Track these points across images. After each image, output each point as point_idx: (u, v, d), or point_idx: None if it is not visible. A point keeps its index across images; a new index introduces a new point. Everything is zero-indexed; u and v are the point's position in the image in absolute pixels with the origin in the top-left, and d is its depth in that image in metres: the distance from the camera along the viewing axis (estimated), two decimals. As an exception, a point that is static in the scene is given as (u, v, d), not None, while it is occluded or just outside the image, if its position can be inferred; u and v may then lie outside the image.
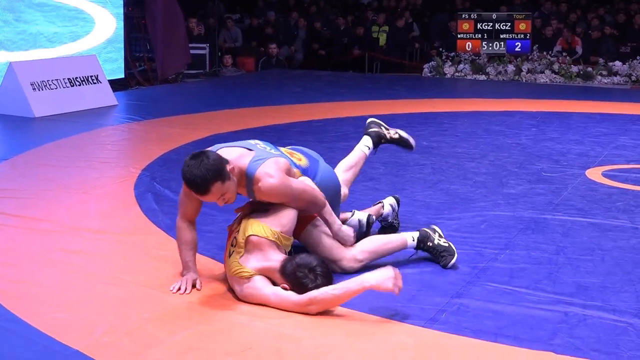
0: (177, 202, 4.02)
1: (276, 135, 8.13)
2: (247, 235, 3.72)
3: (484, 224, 5.04)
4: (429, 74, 15.36)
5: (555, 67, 14.61)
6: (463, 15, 15.64)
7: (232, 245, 3.79)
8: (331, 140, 7.94)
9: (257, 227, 3.74)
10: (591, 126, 9.14)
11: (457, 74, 15.09)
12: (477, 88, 13.67)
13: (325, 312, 3.53)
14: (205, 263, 4.21)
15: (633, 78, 14.21)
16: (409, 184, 6.11)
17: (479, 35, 15.44)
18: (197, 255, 4.04)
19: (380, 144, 4.98)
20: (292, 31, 17.60)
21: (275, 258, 3.68)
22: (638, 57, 14.68)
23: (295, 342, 3.25)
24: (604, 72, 14.41)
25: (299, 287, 3.55)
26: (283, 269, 3.61)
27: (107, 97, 10.38)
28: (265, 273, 3.67)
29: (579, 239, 4.75)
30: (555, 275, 4.12)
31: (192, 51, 13.84)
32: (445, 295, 3.77)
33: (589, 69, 14.45)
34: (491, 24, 15.42)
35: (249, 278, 3.64)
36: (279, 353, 3.15)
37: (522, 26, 15.31)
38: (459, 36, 15.55)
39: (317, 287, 3.52)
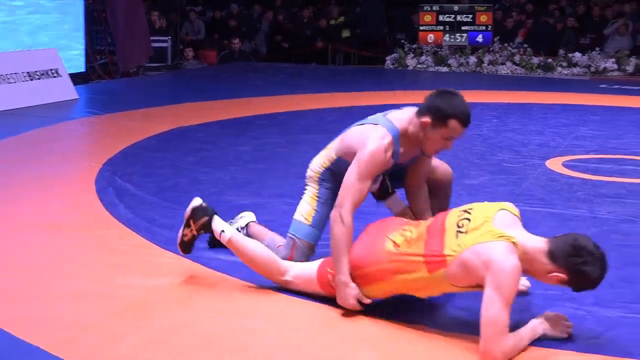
0: (139, 196, 3.98)
1: (239, 129, 8.11)
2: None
3: (446, 215, 5.06)
4: (391, 66, 15.40)
5: (516, 58, 14.73)
6: (425, 8, 15.70)
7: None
8: (294, 133, 7.93)
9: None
10: (551, 117, 9.23)
11: (419, 65, 15.15)
12: (439, 80, 13.73)
13: (290, 307, 3.53)
14: (180, 262, 4.19)
15: (592, 69, 14.37)
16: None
17: (441, 27, 15.53)
18: (171, 253, 4.00)
19: None
20: (255, 24, 17.55)
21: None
22: (597, 49, 14.85)
23: (260, 336, 3.24)
24: (564, 64, 14.55)
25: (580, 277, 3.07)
26: (552, 253, 3.09)
27: (67, 91, 10.27)
28: None
29: (540, 229, 4.75)
30: (517, 265, 4.14)
31: (153, 44, 13.76)
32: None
33: (550, 60, 14.58)
34: (453, 15, 15.52)
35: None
36: (243, 347, 3.14)
37: (484, 18, 15.43)
38: (421, 28, 15.63)
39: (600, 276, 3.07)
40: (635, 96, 11.36)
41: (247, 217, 4.38)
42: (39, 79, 9.98)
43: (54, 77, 10.21)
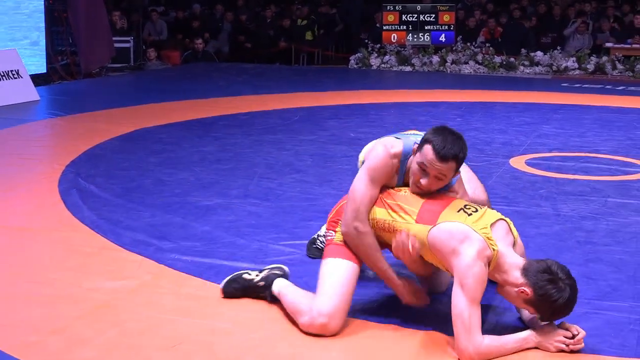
0: (103, 198, 3.95)
1: (202, 129, 8.08)
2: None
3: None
4: (355, 66, 15.44)
5: (479, 57, 14.83)
6: (388, 7, 15.75)
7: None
8: (258, 133, 7.91)
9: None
10: (514, 115, 9.31)
11: (382, 65, 15.20)
12: (402, 79, 13.79)
13: (255, 307, 3.52)
14: (139, 260, 4.17)
15: (554, 68, 14.51)
16: (336, 176, 6.13)
17: (404, 27, 15.58)
18: (136, 255, 3.97)
19: None
20: (217, 24, 17.48)
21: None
22: (558, 48, 15.00)
23: (227, 336, 3.23)
24: (526, 63, 14.68)
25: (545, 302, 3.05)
26: (526, 269, 3.08)
27: (28, 92, 10.14)
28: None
29: (504, 227, 4.82)
30: (482, 262, 4.17)
31: (116, 44, 13.66)
32: (377, 287, 3.77)
33: (512, 59, 14.70)
34: (416, 15, 15.57)
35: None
36: (210, 347, 3.13)
37: (446, 17, 15.51)
38: (384, 28, 15.66)
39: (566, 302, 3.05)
40: (597, 94, 11.49)
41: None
42: (-1, 80, 9.86)
43: (15, 78, 10.09)
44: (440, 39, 15.46)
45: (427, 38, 15.49)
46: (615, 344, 3.22)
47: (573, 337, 3.10)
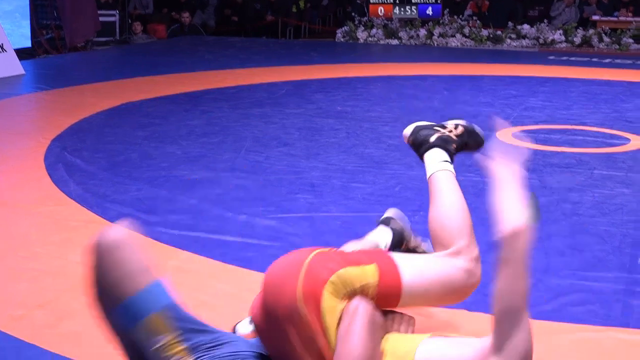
0: (89, 172, 3.94)
1: (189, 103, 8.05)
2: None
3: (399, 187, 5.10)
4: (342, 39, 15.38)
5: (466, 31, 14.80)
6: (375, -20, 15.67)
7: None
8: (245, 106, 7.89)
9: None
10: (501, 88, 9.31)
11: (370, 38, 15.15)
12: (389, 53, 13.76)
13: (244, 281, 3.53)
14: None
15: (541, 41, 14.50)
16: (323, 149, 6.13)
17: (391, 0, 15.51)
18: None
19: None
20: (204, -3, 17.39)
21: None
22: (545, 21, 14.99)
23: (213, 310, 3.23)
24: (513, 36, 14.66)
25: None
26: None
27: (13, 66, 10.06)
28: None
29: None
30: (468, 235, 4.19)
31: (101, 18, 13.55)
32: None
33: (499, 32, 14.69)
34: (403, -12, 15.52)
35: None
36: (197, 320, 3.13)
37: (433, -10, 15.45)
38: (371, 1, 15.60)
39: None
40: (583, 67, 11.50)
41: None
42: (-17, 54, 9.79)
43: (-1, 52, 10.02)
44: (427, 12, 15.40)
45: (414, 11, 15.44)
46: (601, 314, 3.24)
47: None
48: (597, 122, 7.32)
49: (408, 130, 2.99)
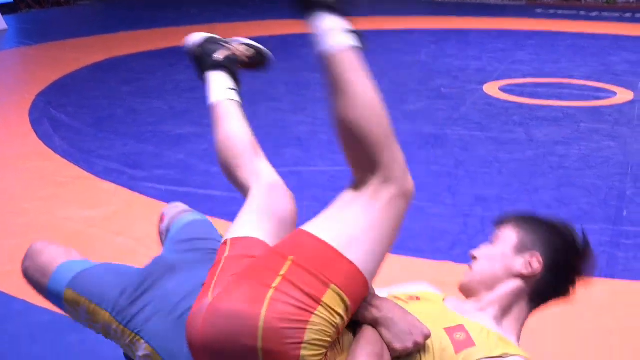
0: (75, 127, 3.93)
1: (175, 58, 7.98)
2: None
3: (386, 141, 5.09)
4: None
5: (453, -16, 14.72)
6: None
7: None
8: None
9: None
10: (488, 42, 9.27)
11: (356, -8, 15.05)
12: (376, 6, 13.66)
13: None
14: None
15: (528, -6, 14.44)
16: (310, 103, 6.10)
17: (378, -47, 15.38)
18: (109, 184, 3.93)
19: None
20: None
21: None
22: (533, -26, 14.90)
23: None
24: (501, -11, 14.59)
25: None
26: None
27: (-4, 21, 9.98)
28: None
29: (477, 153, 4.85)
30: (455, 188, 4.21)
31: (84, -28, 13.40)
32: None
33: (486, -15, 14.61)
34: (389, -59, 15.37)
35: None
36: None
37: (420, -57, 15.32)
38: (357, -46, 15.46)
39: None
40: (571, 20, 11.45)
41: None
42: (-35, 9, 9.67)
43: (-18, 7, 9.90)
44: (414, -35, 15.29)
45: (401, -36, 15.32)
46: (586, 266, 3.27)
47: None
48: (584, 75, 7.32)
49: (197, 39, 2.65)
